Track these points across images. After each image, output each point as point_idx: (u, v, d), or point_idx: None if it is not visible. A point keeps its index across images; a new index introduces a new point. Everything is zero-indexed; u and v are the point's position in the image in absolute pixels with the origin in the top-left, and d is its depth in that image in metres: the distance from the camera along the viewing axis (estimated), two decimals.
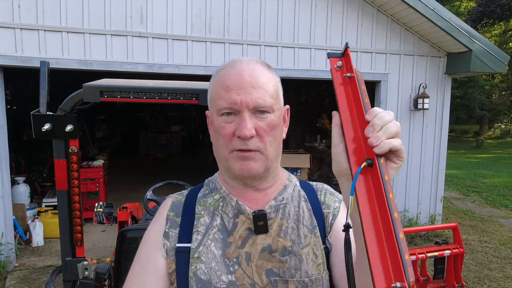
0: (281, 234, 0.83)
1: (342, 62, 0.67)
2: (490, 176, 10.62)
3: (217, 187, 0.90)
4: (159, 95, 1.75)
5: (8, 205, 4.05)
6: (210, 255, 0.81)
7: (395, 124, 0.59)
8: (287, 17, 4.67)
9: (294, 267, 0.81)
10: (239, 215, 0.84)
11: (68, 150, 1.88)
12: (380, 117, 0.58)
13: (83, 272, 1.92)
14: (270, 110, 0.80)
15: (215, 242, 0.83)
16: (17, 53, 3.79)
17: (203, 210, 0.87)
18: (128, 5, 4.08)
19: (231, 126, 0.79)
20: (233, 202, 0.85)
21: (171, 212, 0.88)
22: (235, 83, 0.78)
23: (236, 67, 0.81)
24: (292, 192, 0.90)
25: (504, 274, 4.22)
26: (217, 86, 0.81)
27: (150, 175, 8.37)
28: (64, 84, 3.91)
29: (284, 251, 0.82)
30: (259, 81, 0.79)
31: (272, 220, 0.84)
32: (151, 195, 2.62)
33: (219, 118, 0.80)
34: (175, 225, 0.86)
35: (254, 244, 0.82)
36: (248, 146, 0.78)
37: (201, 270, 0.80)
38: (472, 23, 17.73)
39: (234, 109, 0.78)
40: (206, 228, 0.84)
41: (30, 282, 3.86)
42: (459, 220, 6.11)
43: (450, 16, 4.77)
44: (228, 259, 0.81)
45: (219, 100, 0.80)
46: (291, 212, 0.86)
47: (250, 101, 0.77)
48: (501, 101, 24.16)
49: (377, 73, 5.13)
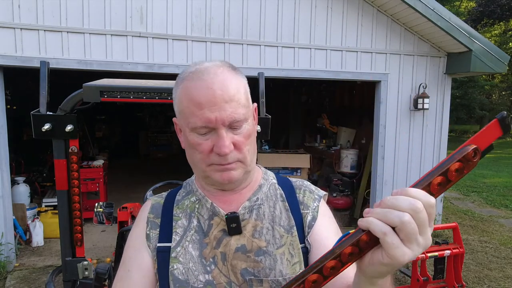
0: (256, 234, 0.84)
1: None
2: (490, 176, 10.62)
3: (193, 189, 0.91)
4: (159, 95, 1.75)
5: (8, 205, 4.05)
6: (188, 256, 0.83)
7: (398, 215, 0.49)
8: (287, 17, 4.67)
9: (268, 267, 0.81)
10: (214, 217, 0.86)
11: (68, 150, 1.88)
12: (395, 198, 0.50)
13: (83, 272, 1.92)
14: (244, 121, 0.79)
15: (193, 244, 0.84)
16: (17, 53, 3.79)
17: (180, 212, 0.88)
18: (128, 5, 4.08)
19: (207, 143, 0.77)
20: (208, 204, 0.86)
21: (151, 214, 0.90)
22: (207, 98, 0.75)
23: (204, 79, 0.77)
24: (267, 191, 0.90)
25: (504, 274, 4.22)
26: (187, 101, 0.77)
27: (150, 175, 8.37)
28: (64, 84, 3.91)
29: (259, 251, 0.83)
30: (230, 93, 0.76)
31: (246, 221, 0.85)
32: (151, 195, 2.62)
33: (192, 134, 0.79)
34: (155, 226, 0.87)
35: (228, 245, 0.83)
36: (227, 161, 0.78)
37: (179, 270, 0.81)
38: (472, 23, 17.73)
39: (209, 127, 0.76)
40: (184, 230, 0.86)
41: (30, 282, 3.86)
42: (459, 220, 6.11)
43: (450, 16, 4.77)
44: (205, 259, 0.83)
45: (192, 117, 0.77)
46: (266, 213, 0.86)
47: (225, 117, 0.75)
48: (501, 101, 24.18)
49: (377, 73, 5.13)
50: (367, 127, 6.34)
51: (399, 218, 0.49)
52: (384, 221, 0.50)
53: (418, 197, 0.49)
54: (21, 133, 7.76)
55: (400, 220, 0.49)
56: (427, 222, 0.50)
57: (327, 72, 4.93)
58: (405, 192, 0.50)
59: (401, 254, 0.50)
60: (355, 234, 0.53)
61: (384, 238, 0.49)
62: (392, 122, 5.27)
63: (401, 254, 0.50)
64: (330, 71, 4.93)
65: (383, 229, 0.49)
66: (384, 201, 0.51)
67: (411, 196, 0.50)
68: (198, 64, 0.83)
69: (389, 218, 0.49)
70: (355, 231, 0.54)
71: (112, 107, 11.47)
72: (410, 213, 0.49)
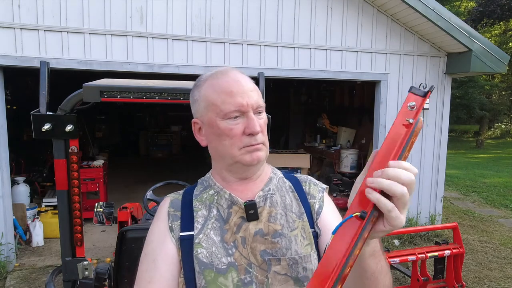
0: (271, 220, 0.94)
1: (416, 105, 0.65)
2: (490, 176, 10.61)
3: (211, 184, 1.00)
4: (159, 95, 1.75)
5: (8, 205, 4.05)
6: (210, 241, 0.91)
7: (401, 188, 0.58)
8: (287, 17, 4.67)
9: (285, 247, 0.91)
10: (232, 206, 0.94)
11: (68, 150, 1.88)
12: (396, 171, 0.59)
13: (83, 272, 1.92)
14: (263, 109, 0.94)
15: (214, 230, 0.92)
16: (17, 53, 3.79)
17: (200, 204, 0.97)
18: (128, 5, 4.08)
19: (239, 126, 0.89)
20: (227, 195, 0.95)
21: (171, 208, 0.97)
22: (237, 88, 0.89)
23: (229, 75, 0.91)
24: (277, 183, 1.01)
25: (504, 274, 4.22)
26: (217, 93, 0.90)
27: (150, 175, 8.37)
28: (64, 84, 3.91)
29: (275, 234, 0.92)
30: (252, 86, 0.92)
31: (262, 208, 0.94)
32: (151, 195, 2.62)
33: (224, 122, 0.89)
34: (176, 218, 0.95)
35: (247, 230, 0.92)
36: (257, 140, 0.90)
37: (203, 254, 0.89)
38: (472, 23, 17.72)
39: (241, 111, 0.88)
40: (205, 219, 0.94)
41: (30, 282, 3.86)
42: (459, 220, 6.11)
43: (450, 16, 4.77)
44: (227, 244, 0.91)
45: (224, 105, 0.88)
46: (278, 201, 0.97)
47: (253, 102, 0.89)
48: (501, 101, 24.15)
49: (377, 73, 5.13)
50: (367, 127, 6.34)
51: (401, 191, 0.58)
52: (389, 192, 0.58)
53: (412, 170, 0.60)
54: (21, 133, 7.76)
55: (402, 193, 0.58)
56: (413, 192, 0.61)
57: (327, 72, 4.93)
58: (402, 166, 0.60)
59: (400, 222, 0.60)
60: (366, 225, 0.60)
61: (390, 214, 0.59)
62: (392, 122, 5.26)
63: (400, 222, 0.60)
64: (330, 71, 4.93)
65: (388, 207, 0.58)
66: (387, 173, 0.59)
67: (406, 169, 0.59)
68: (215, 69, 0.96)
69: (393, 190, 0.58)
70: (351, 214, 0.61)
71: (112, 107, 11.48)
72: (408, 185, 0.59)
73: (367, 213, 0.59)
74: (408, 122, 0.64)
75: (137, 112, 13.05)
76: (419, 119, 0.63)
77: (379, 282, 0.76)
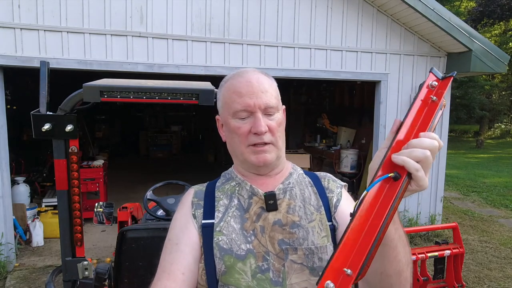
0: (290, 211, 0.98)
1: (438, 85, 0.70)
2: (490, 176, 10.61)
3: (233, 176, 1.06)
4: (159, 95, 1.75)
5: (8, 205, 4.05)
6: (231, 228, 0.95)
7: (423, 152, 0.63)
8: (287, 17, 4.67)
9: (302, 237, 0.94)
10: (253, 196, 1.00)
11: (68, 150, 1.88)
12: (422, 140, 0.65)
13: (83, 272, 1.92)
14: (276, 110, 0.96)
15: (234, 218, 0.97)
16: (17, 53, 3.79)
17: (221, 194, 1.02)
18: (128, 5, 4.08)
19: (246, 125, 0.94)
20: (247, 186, 1.01)
21: (195, 198, 1.03)
22: (247, 89, 0.94)
23: (244, 76, 0.96)
24: (297, 178, 1.05)
25: (504, 274, 4.22)
26: (230, 92, 0.96)
27: (150, 175, 8.37)
28: (64, 84, 3.91)
29: (293, 224, 0.96)
30: (265, 87, 0.95)
31: (281, 200, 0.99)
32: (151, 195, 2.62)
33: (233, 121, 0.95)
34: (199, 207, 1.01)
35: (267, 219, 0.96)
36: (263, 140, 0.93)
37: (223, 241, 0.94)
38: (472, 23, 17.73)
39: (248, 111, 0.93)
40: (226, 208, 0.99)
41: (30, 282, 3.86)
42: (459, 220, 6.11)
43: (450, 16, 4.77)
44: (246, 231, 0.95)
45: (233, 104, 0.94)
46: (297, 194, 1.01)
47: (261, 103, 0.93)
48: (501, 101, 24.13)
49: (377, 73, 5.13)
50: (367, 127, 6.34)
51: (423, 154, 0.63)
52: (411, 158, 0.63)
53: (435, 138, 0.66)
54: (21, 133, 7.75)
55: (425, 155, 0.63)
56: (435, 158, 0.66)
57: (327, 72, 4.93)
58: (427, 135, 0.66)
59: (426, 182, 0.65)
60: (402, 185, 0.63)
61: (417, 174, 0.63)
62: (392, 122, 5.26)
63: (426, 183, 0.65)
64: (330, 71, 4.93)
65: (416, 166, 0.63)
66: (410, 143, 0.65)
67: (431, 138, 0.65)
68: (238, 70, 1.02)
69: (415, 155, 0.63)
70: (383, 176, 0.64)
71: (112, 107, 11.48)
72: (431, 149, 0.64)
73: (400, 174, 0.62)
74: (432, 99, 0.68)
75: (137, 112, 13.05)
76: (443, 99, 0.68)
77: (398, 252, 0.76)
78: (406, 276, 0.79)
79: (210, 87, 1.80)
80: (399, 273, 0.78)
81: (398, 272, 0.78)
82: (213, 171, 1.07)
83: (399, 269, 0.78)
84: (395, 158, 0.64)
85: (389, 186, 0.63)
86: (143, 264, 2.03)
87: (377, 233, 0.58)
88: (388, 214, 0.59)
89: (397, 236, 0.75)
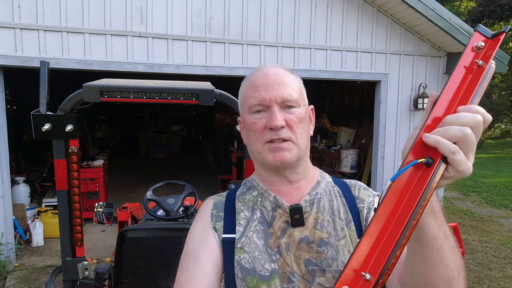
0: (318, 226, 0.87)
1: (485, 45, 0.56)
2: (490, 176, 10.61)
3: (254, 185, 0.95)
4: (159, 95, 1.75)
5: (8, 205, 4.05)
6: (253, 245, 0.86)
7: (460, 129, 0.52)
8: (287, 17, 4.67)
9: (331, 258, 0.84)
10: (277, 209, 0.89)
11: (68, 150, 1.88)
12: (460, 115, 0.53)
13: (83, 272, 1.92)
14: (297, 105, 0.86)
15: (257, 233, 0.87)
16: (17, 53, 3.79)
17: (242, 206, 0.92)
18: (128, 5, 4.08)
19: (262, 120, 0.85)
20: (271, 197, 0.90)
21: (214, 210, 0.93)
22: (262, 82, 0.86)
23: (261, 71, 0.89)
24: (325, 187, 0.94)
25: (504, 274, 4.22)
26: (248, 88, 0.89)
27: (150, 175, 8.37)
28: (64, 84, 3.91)
29: (321, 242, 0.85)
30: (284, 80, 0.86)
31: (308, 213, 0.88)
32: (151, 195, 2.62)
33: (250, 116, 0.87)
34: (219, 219, 0.91)
35: (292, 236, 0.86)
36: (279, 135, 0.83)
37: (245, 260, 0.84)
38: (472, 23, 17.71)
39: (264, 105, 0.85)
40: (247, 221, 0.89)
41: (30, 282, 3.86)
42: (459, 220, 6.11)
43: (450, 16, 4.77)
44: (270, 249, 0.85)
45: (249, 99, 0.87)
46: (326, 206, 0.90)
47: (277, 96, 0.84)
48: (501, 101, 24.11)
49: (377, 73, 5.13)
50: (367, 127, 6.34)
51: (462, 132, 0.52)
52: (446, 137, 0.52)
53: (479, 111, 0.53)
54: (21, 133, 7.76)
55: (463, 133, 0.52)
56: (480, 132, 0.54)
57: (327, 72, 4.93)
58: (467, 109, 0.53)
59: (467, 167, 0.54)
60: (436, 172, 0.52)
61: (453, 157, 0.52)
62: (392, 122, 5.27)
63: (467, 167, 0.54)
64: (330, 71, 4.93)
65: (451, 148, 0.52)
66: (445, 120, 0.54)
67: (472, 111, 0.53)
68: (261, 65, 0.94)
69: (451, 134, 0.52)
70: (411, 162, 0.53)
71: (112, 107, 11.48)
72: (472, 126, 0.52)
73: (434, 159, 0.52)
74: (477, 64, 0.55)
75: (137, 112, 13.05)
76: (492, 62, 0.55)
77: (445, 254, 0.63)
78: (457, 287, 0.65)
79: (210, 87, 1.81)
80: (448, 282, 0.64)
81: (447, 282, 0.64)
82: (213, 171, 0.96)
83: (448, 276, 0.64)
84: (426, 138, 0.53)
85: (420, 174, 0.53)
86: (143, 264, 2.03)
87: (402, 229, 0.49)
88: (418, 207, 0.50)
89: (441, 234, 0.62)
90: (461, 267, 0.66)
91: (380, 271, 0.48)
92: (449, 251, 0.63)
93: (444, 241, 0.63)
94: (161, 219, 2.52)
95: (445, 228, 0.64)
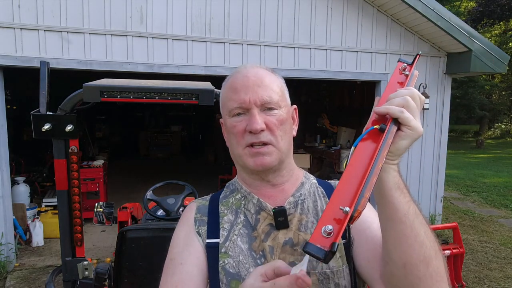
0: (302, 228, 0.87)
1: (407, 66, 0.76)
2: (490, 176, 10.61)
3: (238, 187, 0.95)
4: (159, 95, 1.75)
5: (8, 205, 4.05)
6: (237, 249, 0.85)
7: (402, 97, 0.64)
8: (287, 17, 4.67)
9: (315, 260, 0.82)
10: (261, 211, 0.88)
11: (68, 150, 1.88)
12: (398, 91, 0.67)
13: (83, 272, 1.92)
14: (277, 106, 0.85)
15: (241, 237, 0.87)
16: (17, 53, 3.79)
17: (226, 209, 0.92)
18: (128, 5, 4.08)
19: (242, 123, 0.84)
20: (255, 200, 0.90)
21: (198, 214, 0.92)
22: (242, 84, 0.84)
23: (241, 72, 0.87)
24: (310, 188, 0.93)
25: (504, 274, 4.22)
26: (227, 90, 0.87)
27: (150, 175, 8.37)
28: (64, 84, 3.91)
29: None
30: (264, 81, 0.85)
31: (292, 215, 0.88)
32: (151, 195, 2.62)
33: (230, 119, 0.86)
34: (203, 224, 0.90)
35: (276, 239, 0.86)
36: (259, 139, 0.82)
37: (230, 264, 0.84)
38: (472, 23, 17.72)
39: (243, 108, 0.83)
40: (231, 225, 0.89)
41: (30, 282, 3.86)
42: (459, 220, 6.10)
43: (450, 16, 4.77)
44: (255, 252, 0.85)
45: (229, 102, 0.85)
46: (310, 207, 0.89)
47: (257, 98, 0.83)
48: (501, 101, 24.14)
49: (377, 73, 5.13)
50: None
51: (403, 99, 0.64)
52: (393, 104, 0.64)
53: (411, 88, 0.67)
54: (21, 133, 7.76)
55: (405, 100, 0.64)
56: (419, 105, 0.66)
57: (327, 72, 4.93)
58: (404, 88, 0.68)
59: (417, 124, 0.64)
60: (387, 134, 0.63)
61: (402, 115, 0.62)
62: None
63: (417, 124, 0.63)
64: (330, 71, 4.93)
65: (399, 108, 0.63)
66: (389, 97, 0.67)
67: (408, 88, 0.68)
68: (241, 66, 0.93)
69: (396, 102, 0.64)
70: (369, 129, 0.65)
71: (112, 107, 11.48)
72: (409, 96, 0.64)
73: (386, 124, 0.63)
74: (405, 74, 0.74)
75: (137, 112, 13.05)
76: (414, 70, 0.74)
77: (418, 232, 0.65)
78: (436, 267, 0.67)
79: (210, 87, 1.80)
80: (426, 261, 0.66)
81: (425, 260, 0.66)
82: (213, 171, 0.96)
83: (424, 255, 0.66)
84: (377, 109, 0.65)
85: (378, 137, 0.63)
86: (143, 264, 2.03)
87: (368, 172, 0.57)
88: (379, 155, 0.59)
89: (411, 211, 0.66)
90: (438, 248, 0.69)
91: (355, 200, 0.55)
92: (421, 228, 0.67)
93: (415, 218, 0.66)
94: (161, 219, 2.53)
95: (414, 206, 0.68)
